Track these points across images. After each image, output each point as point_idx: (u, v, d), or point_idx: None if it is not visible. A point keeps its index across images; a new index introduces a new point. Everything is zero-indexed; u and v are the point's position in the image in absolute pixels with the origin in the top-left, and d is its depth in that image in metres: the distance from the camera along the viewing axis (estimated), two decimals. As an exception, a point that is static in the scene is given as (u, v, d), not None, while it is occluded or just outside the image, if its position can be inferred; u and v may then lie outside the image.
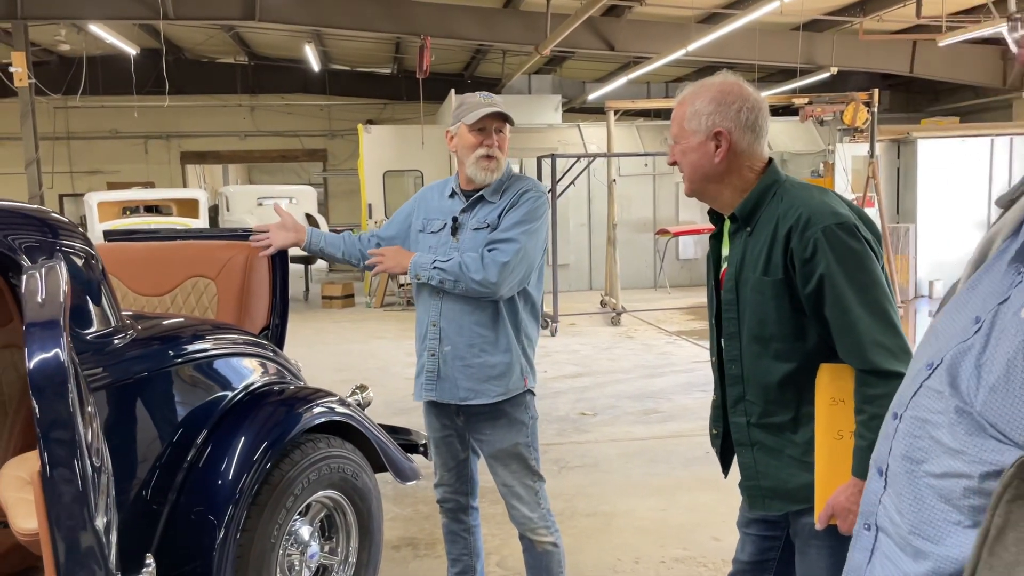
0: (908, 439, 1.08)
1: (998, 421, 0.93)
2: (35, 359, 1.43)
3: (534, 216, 2.56)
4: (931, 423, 1.04)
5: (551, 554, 2.74)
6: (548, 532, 2.73)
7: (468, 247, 2.57)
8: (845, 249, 1.71)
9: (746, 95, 1.83)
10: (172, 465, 2.41)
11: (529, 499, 2.71)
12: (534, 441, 2.73)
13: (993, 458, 0.91)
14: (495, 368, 2.60)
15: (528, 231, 2.54)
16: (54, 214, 2.32)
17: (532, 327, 2.72)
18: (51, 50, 14.66)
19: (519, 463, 2.70)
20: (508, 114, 2.59)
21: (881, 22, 11.29)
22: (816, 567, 1.84)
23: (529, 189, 2.61)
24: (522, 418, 2.68)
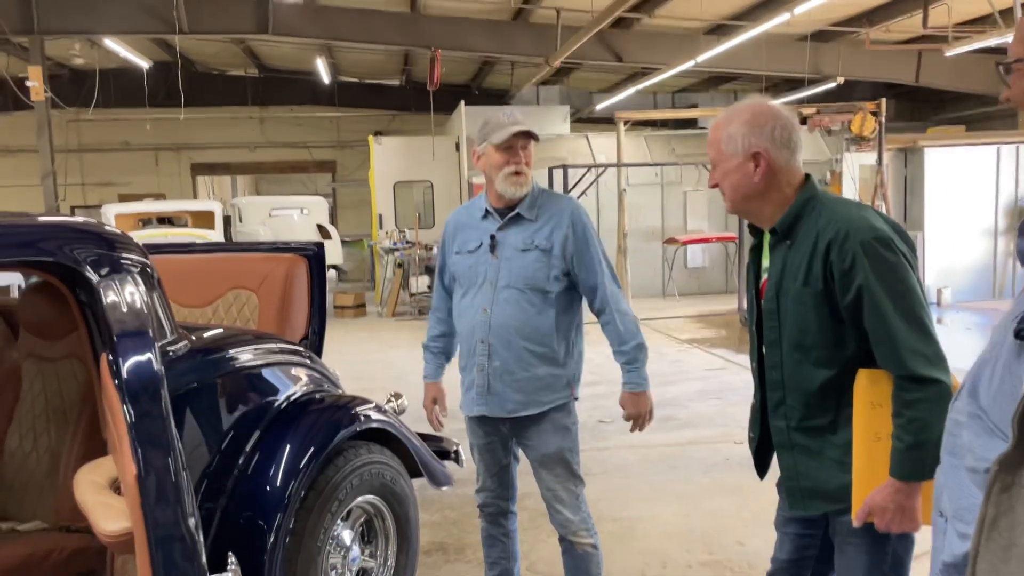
0: (948, 437, 1.22)
1: (1000, 423, 1.07)
2: (130, 367, 1.52)
3: (591, 232, 2.73)
4: (959, 423, 1.18)
5: (591, 556, 2.81)
6: (588, 534, 2.80)
7: (514, 266, 2.66)
8: (882, 261, 1.80)
9: (777, 114, 1.93)
10: (223, 471, 2.50)
11: (571, 502, 2.78)
12: (576, 446, 2.82)
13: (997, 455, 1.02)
14: (543, 380, 2.70)
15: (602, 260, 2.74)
16: (108, 227, 2.41)
17: (579, 338, 2.82)
18: (64, 64, 14.82)
19: (563, 467, 2.77)
20: (533, 131, 2.70)
21: (887, 32, 11.40)
22: (854, 564, 1.92)
23: (573, 211, 2.72)
24: (566, 424, 2.77)
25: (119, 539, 1.62)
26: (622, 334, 2.72)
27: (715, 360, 8.17)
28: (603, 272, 2.72)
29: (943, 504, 1.22)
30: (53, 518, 2.44)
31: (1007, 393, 1.08)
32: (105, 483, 1.85)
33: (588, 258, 2.69)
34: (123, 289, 1.79)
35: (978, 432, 1.13)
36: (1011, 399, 1.04)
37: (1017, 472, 0.95)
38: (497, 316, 2.68)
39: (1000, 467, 0.97)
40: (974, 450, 1.13)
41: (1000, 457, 0.97)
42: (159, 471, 1.53)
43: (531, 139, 2.70)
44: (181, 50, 13.59)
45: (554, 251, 2.66)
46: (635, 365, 2.73)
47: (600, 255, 2.72)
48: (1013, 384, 1.06)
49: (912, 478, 1.76)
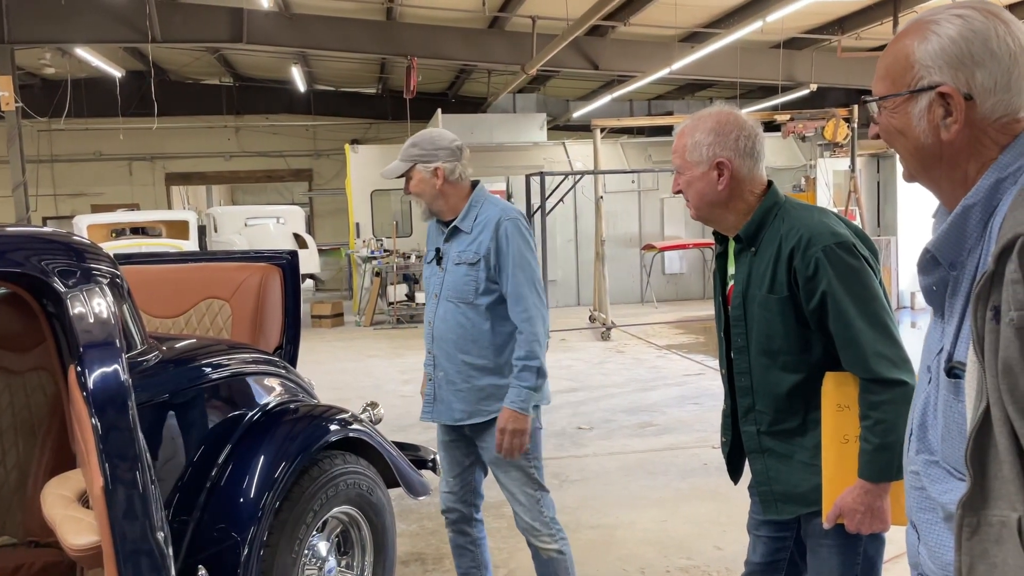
0: (913, 492, 1.22)
1: (956, 464, 1.08)
2: (96, 379, 1.50)
3: (522, 251, 2.66)
4: (918, 475, 1.19)
5: (556, 561, 2.81)
6: (552, 540, 2.80)
7: (450, 279, 2.73)
8: (845, 267, 1.83)
9: (742, 123, 1.95)
10: (196, 483, 2.47)
11: (530, 506, 2.79)
12: (536, 451, 2.80)
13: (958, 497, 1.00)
14: (485, 391, 2.73)
15: (528, 258, 2.67)
16: (77, 237, 2.39)
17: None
18: (35, 73, 14.66)
19: (518, 471, 2.78)
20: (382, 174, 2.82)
21: (859, 40, 11.55)
22: (827, 566, 1.94)
23: (500, 221, 2.67)
24: None
25: (88, 553, 1.60)
26: (520, 350, 2.65)
27: (693, 365, 8.21)
28: (519, 283, 2.65)
29: (924, 565, 1.20)
30: (22, 533, 2.41)
31: (954, 432, 1.08)
32: (73, 497, 1.83)
33: (505, 269, 2.66)
34: (91, 300, 1.77)
35: (938, 479, 1.14)
36: (959, 437, 1.05)
37: (981, 512, 0.94)
38: (438, 328, 2.76)
39: (964, 510, 0.96)
40: (942, 499, 1.13)
41: (962, 499, 0.96)
42: (127, 484, 1.51)
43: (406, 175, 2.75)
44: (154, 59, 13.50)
45: (480, 263, 2.68)
46: (518, 383, 2.64)
47: (519, 266, 2.64)
48: (958, 423, 1.07)
49: (881, 479, 1.78)
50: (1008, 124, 1.12)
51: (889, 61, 1.19)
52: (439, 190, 2.72)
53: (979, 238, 1.10)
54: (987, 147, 1.12)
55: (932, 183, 1.20)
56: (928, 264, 1.16)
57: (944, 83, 1.12)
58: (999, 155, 1.11)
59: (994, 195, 1.09)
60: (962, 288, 1.11)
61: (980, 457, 0.94)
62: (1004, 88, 1.11)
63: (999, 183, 1.10)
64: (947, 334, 1.13)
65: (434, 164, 2.71)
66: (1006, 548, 0.91)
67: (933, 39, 1.13)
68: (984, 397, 0.94)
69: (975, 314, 0.96)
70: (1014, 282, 0.91)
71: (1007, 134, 1.12)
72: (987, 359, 0.94)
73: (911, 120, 1.16)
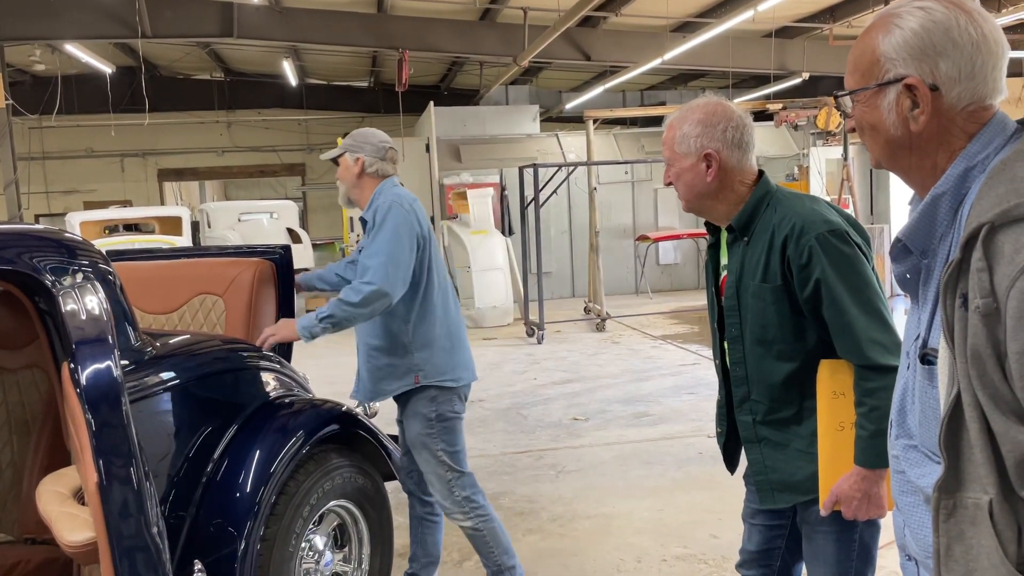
0: (896, 476, 1.25)
1: (929, 446, 1.11)
2: (89, 375, 1.50)
3: (387, 223, 2.79)
4: (898, 459, 1.22)
5: (476, 536, 2.99)
6: (465, 517, 2.95)
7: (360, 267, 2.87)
8: (838, 255, 1.83)
9: (730, 114, 1.95)
10: (192, 479, 2.47)
11: (441, 488, 2.95)
12: (445, 436, 2.93)
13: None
14: (383, 370, 2.93)
15: (385, 238, 2.77)
16: (68, 234, 2.38)
17: (420, 330, 2.89)
18: (25, 70, 14.58)
19: (427, 453, 2.94)
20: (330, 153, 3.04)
21: (850, 28, 11.55)
22: (823, 553, 1.94)
23: (378, 207, 2.86)
24: (423, 411, 2.92)
25: (83, 549, 1.60)
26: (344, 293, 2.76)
27: (688, 355, 8.23)
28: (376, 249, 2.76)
29: (910, 547, 1.23)
30: (17, 530, 2.40)
31: (930, 417, 1.10)
32: (69, 493, 1.83)
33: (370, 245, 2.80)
34: (83, 297, 1.76)
35: (917, 463, 1.16)
36: (935, 422, 1.06)
37: (956, 495, 0.96)
38: None
39: (940, 492, 0.98)
40: (920, 482, 1.15)
41: (937, 482, 0.98)
42: (121, 480, 1.51)
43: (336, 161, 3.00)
44: (145, 55, 13.43)
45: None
46: (325, 309, 2.75)
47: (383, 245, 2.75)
48: (933, 408, 1.09)
49: (877, 465, 1.78)
50: (975, 112, 1.13)
51: (857, 55, 1.21)
52: (356, 179, 2.94)
53: (949, 226, 1.11)
54: (956, 136, 1.14)
55: (903, 172, 1.22)
56: (900, 253, 1.17)
57: (909, 75, 1.14)
58: (967, 144, 1.13)
59: (963, 183, 1.11)
60: (934, 276, 1.12)
61: (953, 441, 0.96)
62: (968, 77, 1.12)
63: (967, 171, 1.11)
64: (922, 321, 1.15)
65: (357, 154, 2.93)
66: (980, 529, 0.94)
67: (896, 32, 1.15)
68: (955, 383, 0.96)
69: (944, 302, 0.98)
70: (979, 270, 0.93)
71: (975, 123, 1.13)
72: (957, 346, 0.96)
73: (881, 113, 1.18)
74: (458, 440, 2.98)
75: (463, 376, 2.97)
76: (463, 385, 2.98)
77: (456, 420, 2.97)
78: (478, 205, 10.80)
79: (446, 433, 2.92)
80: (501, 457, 5.19)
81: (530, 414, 6.22)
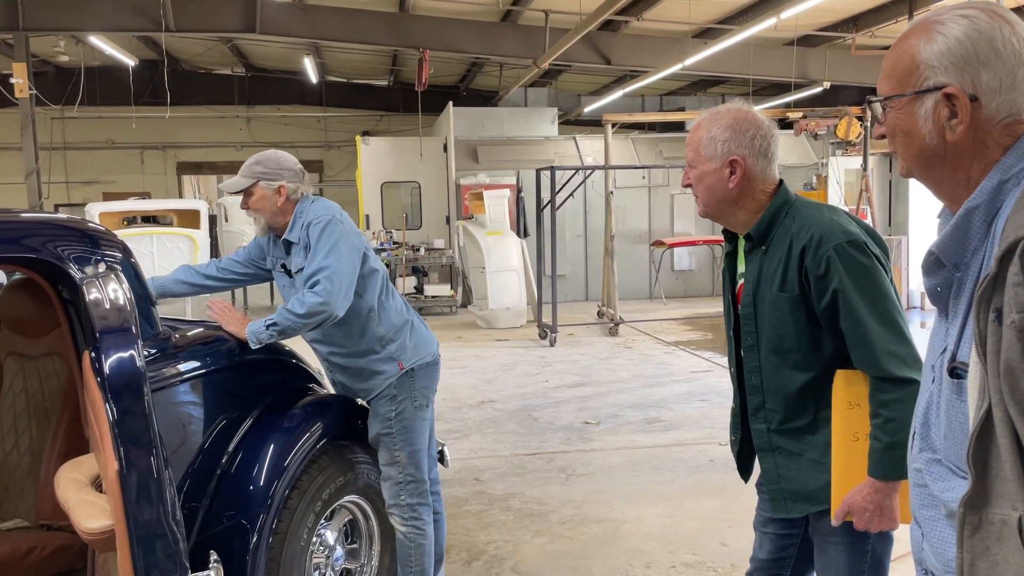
0: (917, 489, 1.23)
1: (958, 462, 1.09)
2: (112, 364, 1.52)
3: (327, 239, 2.74)
4: (921, 472, 1.21)
5: (401, 544, 2.93)
6: (401, 523, 2.90)
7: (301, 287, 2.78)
8: (856, 265, 1.82)
9: (759, 123, 1.95)
10: (207, 470, 2.49)
11: (390, 487, 2.89)
12: (403, 435, 2.87)
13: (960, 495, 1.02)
14: (364, 370, 2.88)
15: (328, 252, 2.72)
16: (92, 224, 2.40)
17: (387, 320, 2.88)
18: (49, 61, 14.72)
19: (386, 453, 2.89)
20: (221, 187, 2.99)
21: (873, 38, 11.49)
22: (835, 564, 1.94)
23: (311, 222, 2.79)
24: (383, 412, 2.88)
25: (100, 536, 1.62)
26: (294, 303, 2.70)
27: (701, 362, 8.21)
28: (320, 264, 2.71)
29: (927, 561, 1.22)
30: (34, 516, 2.43)
31: (956, 431, 1.09)
32: (87, 481, 1.85)
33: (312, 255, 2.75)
34: (106, 286, 1.78)
35: (940, 477, 1.15)
36: (961, 437, 1.06)
37: (983, 511, 0.96)
38: (314, 334, 2.88)
39: (965, 508, 0.97)
40: (944, 496, 1.14)
41: (963, 498, 0.98)
42: (141, 468, 1.53)
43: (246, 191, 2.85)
44: (167, 48, 13.54)
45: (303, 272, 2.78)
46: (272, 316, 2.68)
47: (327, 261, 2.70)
48: (960, 422, 1.07)
49: (891, 477, 1.78)
50: (1011, 125, 1.12)
51: (894, 61, 1.19)
52: (280, 207, 2.83)
53: (982, 240, 1.10)
54: (991, 148, 1.12)
55: (935, 184, 1.20)
56: (932, 266, 1.16)
57: (950, 84, 1.12)
58: (1002, 156, 1.11)
59: (997, 197, 1.09)
60: (966, 289, 1.11)
61: (982, 456, 0.96)
62: (1009, 88, 1.10)
63: (1002, 184, 1.10)
64: (951, 334, 1.13)
65: (278, 183, 2.83)
66: (1007, 546, 0.93)
67: (939, 39, 1.13)
68: (986, 397, 0.95)
69: (978, 315, 0.97)
70: (1016, 285, 0.92)
71: (1011, 135, 1.12)
72: (989, 360, 0.95)
73: (916, 121, 1.16)
74: (417, 439, 2.91)
75: (433, 348, 2.99)
76: (432, 364, 2.96)
77: (417, 420, 2.90)
78: (494, 206, 10.81)
79: (404, 433, 2.87)
80: (511, 458, 5.20)
81: (541, 416, 6.22)
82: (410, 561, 2.93)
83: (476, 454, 5.30)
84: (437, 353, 3.02)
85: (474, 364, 8.18)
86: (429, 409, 2.98)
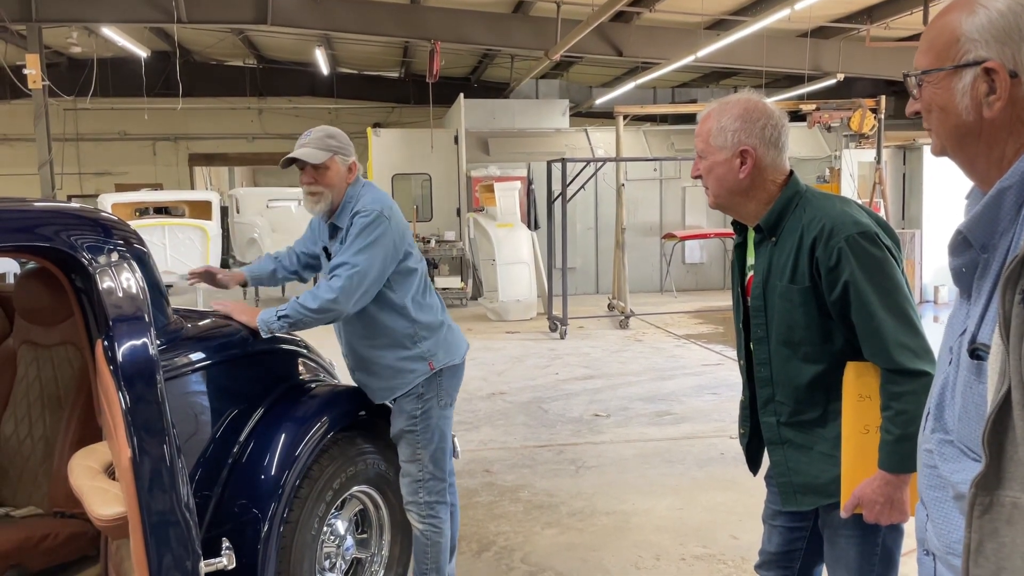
0: (926, 470, 1.23)
1: (970, 443, 1.09)
2: (125, 352, 1.52)
3: (367, 235, 2.66)
4: (931, 453, 1.20)
5: (418, 541, 2.91)
6: (418, 520, 2.88)
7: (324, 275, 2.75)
8: (868, 257, 1.81)
9: (770, 112, 1.93)
10: (218, 459, 2.50)
11: (409, 484, 2.87)
12: (426, 434, 2.84)
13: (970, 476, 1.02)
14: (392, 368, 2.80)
15: (361, 249, 2.65)
16: (105, 213, 2.41)
17: (424, 319, 2.83)
18: (62, 52, 14.78)
19: (405, 447, 2.86)
20: (300, 155, 2.71)
21: (888, 29, 11.40)
22: (845, 556, 1.93)
23: (359, 211, 2.70)
24: (408, 409, 2.84)
25: (113, 523, 1.63)
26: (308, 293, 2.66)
27: (711, 356, 8.19)
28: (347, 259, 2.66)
29: (930, 542, 1.22)
30: (48, 504, 2.45)
31: (971, 413, 1.08)
32: (100, 468, 1.86)
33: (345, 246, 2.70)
34: (119, 275, 1.79)
35: (951, 458, 1.14)
36: (977, 418, 1.05)
37: (994, 492, 0.96)
38: (342, 326, 2.84)
39: (977, 489, 0.97)
40: (953, 478, 1.13)
41: (976, 479, 0.97)
42: (154, 456, 1.54)
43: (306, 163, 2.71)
44: (179, 40, 13.55)
45: None
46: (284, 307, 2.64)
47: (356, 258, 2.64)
48: (976, 403, 1.06)
49: (901, 470, 1.77)
50: None
51: (934, 34, 1.16)
52: (346, 186, 2.76)
53: (1012, 221, 1.08)
54: None
55: (967, 162, 1.17)
56: (959, 246, 1.14)
57: (990, 58, 1.10)
58: None
59: None
60: (991, 271, 1.10)
61: (997, 438, 0.95)
62: None
63: None
64: (972, 316, 1.12)
65: (351, 159, 2.77)
66: (1016, 528, 0.93)
67: (981, 12, 1.11)
68: (1006, 380, 0.94)
69: (1003, 297, 0.96)
70: None
71: None
72: (1012, 342, 0.94)
73: (954, 96, 1.14)
74: (440, 438, 2.88)
75: (463, 350, 2.96)
76: (460, 365, 2.94)
77: (441, 419, 2.87)
78: (505, 198, 10.80)
79: (428, 431, 2.84)
80: (521, 450, 5.21)
81: (551, 408, 6.23)
82: (426, 558, 2.91)
83: (486, 446, 5.31)
84: (464, 355, 2.98)
85: (484, 356, 8.18)
86: (452, 408, 2.95)
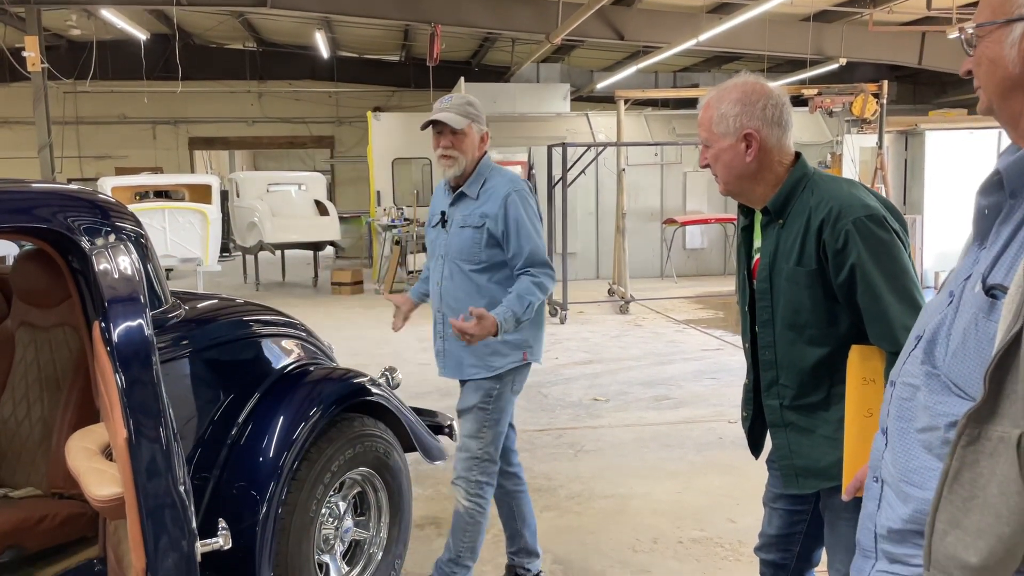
0: (899, 402, 1.28)
1: (958, 380, 1.13)
2: (121, 334, 1.51)
3: (528, 219, 2.77)
4: (915, 387, 1.24)
5: (459, 517, 2.93)
6: (465, 496, 2.90)
7: (454, 241, 2.82)
8: (875, 240, 1.79)
9: (768, 92, 1.91)
10: (217, 441, 2.50)
11: (464, 459, 2.88)
12: (495, 415, 2.86)
13: (954, 411, 1.10)
14: (490, 346, 2.80)
15: (531, 235, 2.77)
16: (103, 195, 2.40)
17: None
18: (61, 35, 14.70)
19: (470, 422, 2.87)
20: (444, 119, 2.77)
21: (891, 14, 11.33)
22: (845, 540, 1.92)
23: (509, 193, 2.77)
24: (486, 387, 2.85)
25: (110, 504, 1.63)
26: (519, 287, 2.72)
27: (711, 340, 8.18)
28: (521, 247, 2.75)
29: (884, 469, 1.28)
30: (46, 485, 2.45)
31: (971, 351, 1.11)
32: (97, 449, 1.86)
33: (510, 236, 2.75)
34: (116, 257, 1.78)
35: (936, 390, 1.18)
36: (975, 356, 1.09)
37: (984, 425, 1.00)
38: (447, 288, 2.86)
39: (968, 420, 1.02)
40: (931, 407, 1.17)
41: (969, 411, 1.02)
42: (150, 436, 1.53)
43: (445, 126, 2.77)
44: (179, 22, 13.48)
45: (484, 228, 2.77)
46: (509, 305, 2.66)
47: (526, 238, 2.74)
48: (979, 340, 1.10)
49: (903, 454, 1.76)
50: None
51: None
52: (477, 155, 2.83)
53: None
54: None
55: (1011, 118, 1.19)
56: (992, 186, 1.17)
57: None
58: None
59: None
60: (1014, 217, 1.12)
61: (999, 375, 0.99)
62: None
63: None
64: (982, 261, 1.15)
65: (485, 129, 2.85)
66: (996, 460, 0.99)
67: None
68: (1020, 320, 0.98)
69: None
70: None
71: None
72: None
73: (1003, 48, 1.16)
74: (505, 422, 2.92)
75: (542, 353, 3.00)
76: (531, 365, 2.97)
77: (510, 404, 2.92)
78: (505, 183, 10.75)
79: (498, 412, 2.87)
80: (521, 434, 5.17)
81: (551, 393, 6.23)
82: (464, 536, 2.92)
83: (485, 429, 5.32)
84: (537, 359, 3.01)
85: (484, 341, 8.18)
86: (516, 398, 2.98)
